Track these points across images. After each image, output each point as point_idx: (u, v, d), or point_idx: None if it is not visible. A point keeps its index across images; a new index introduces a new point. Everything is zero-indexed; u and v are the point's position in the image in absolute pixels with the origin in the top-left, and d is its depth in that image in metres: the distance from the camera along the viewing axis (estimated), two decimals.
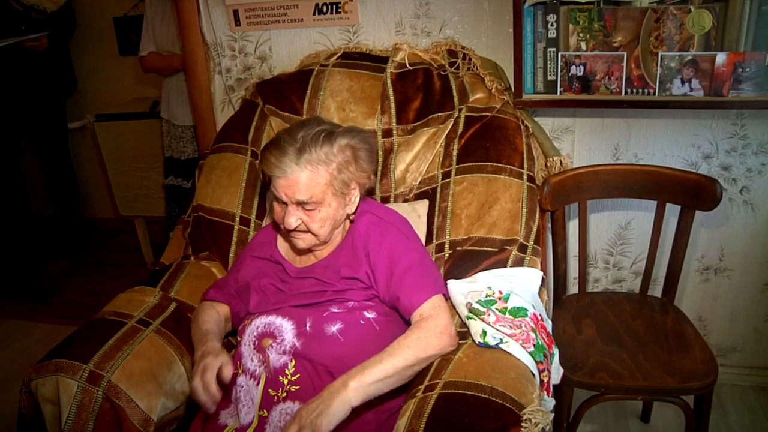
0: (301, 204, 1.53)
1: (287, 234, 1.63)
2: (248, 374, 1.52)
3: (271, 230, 1.77)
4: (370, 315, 1.54)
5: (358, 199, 1.63)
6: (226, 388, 1.55)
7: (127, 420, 1.51)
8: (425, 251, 1.66)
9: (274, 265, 1.70)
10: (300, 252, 1.69)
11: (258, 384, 1.50)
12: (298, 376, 1.48)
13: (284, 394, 1.47)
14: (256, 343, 1.55)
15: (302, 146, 1.51)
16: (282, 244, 1.73)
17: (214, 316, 1.67)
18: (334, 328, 1.51)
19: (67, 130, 3.86)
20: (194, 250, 1.95)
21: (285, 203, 1.55)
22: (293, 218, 1.55)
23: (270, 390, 1.48)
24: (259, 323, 1.58)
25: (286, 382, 1.48)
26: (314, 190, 1.52)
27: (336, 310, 1.55)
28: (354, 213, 1.65)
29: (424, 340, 1.41)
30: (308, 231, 1.58)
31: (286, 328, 1.54)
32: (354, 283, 1.58)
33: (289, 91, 2.02)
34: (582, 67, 1.88)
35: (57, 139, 3.80)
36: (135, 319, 1.66)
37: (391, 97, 1.91)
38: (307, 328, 1.53)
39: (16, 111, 3.56)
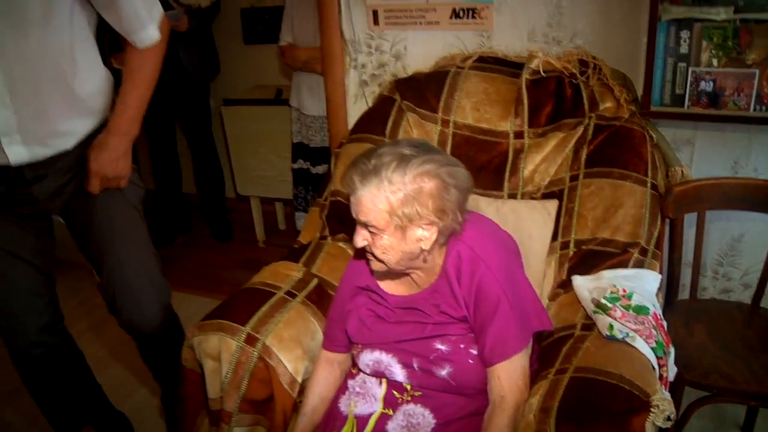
0: (365, 225, 1.49)
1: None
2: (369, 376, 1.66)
3: (361, 258, 1.67)
4: (475, 351, 1.53)
5: (434, 237, 1.48)
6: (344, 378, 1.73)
7: (278, 379, 1.69)
8: (515, 283, 1.54)
9: (372, 294, 1.68)
10: (394, 278, 1.65)
11: (381, 384, 1.64)
12: (420, 393, 1.59)
13: (408, 398, 1.59)
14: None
15: (374, 168, 1.43)
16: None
17: (326, 382, 1.73)
18: (444, 372, 1.53)
19: (210, 113, 4.00)
20: (331, 231, 2.13)
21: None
22: (359, 237, 1.51)
23: (394, 391, 1.61)
24: (367, 360, 1.64)
25: (409, 387, 1.60)
26: (373, 214, 1.44)
27: (440, 347, 1.55)
28: (441, 245, 1.54)
29: None
30: (374, 255, 1.53)
31: (395, 368, 1.60)
32: (452, 318, 1.56)
33: (426, 89, 2.17)
34: (711, 83, 1.94)
35: (202, 121, 3.96)
36: (283, 291, 1.84)
37: (525, 102, 2.03)
38: (415, 367, 1.57)
39: (168, 93, 3.81)
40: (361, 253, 1.62)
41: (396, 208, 1.42)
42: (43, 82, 1.59)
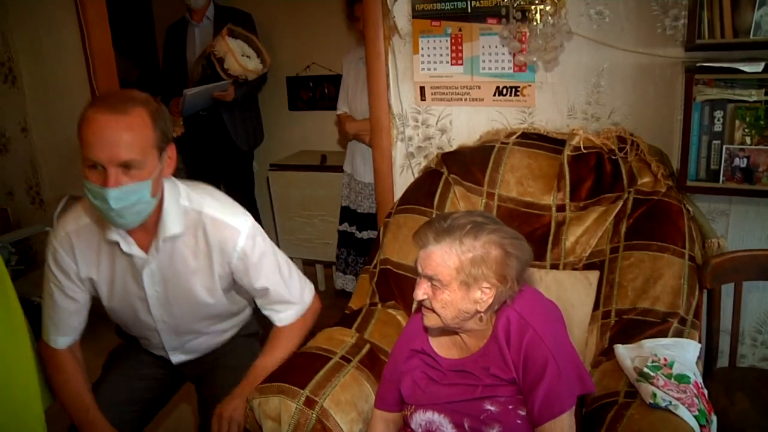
0: (429, 279, 1.60)
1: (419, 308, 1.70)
2: None
3: (419, 320, 1.77)
4: (523, 412, 1.60)
5: (490, 301, 1.60)
6: None
7: None
8: (561, 347, 1.60)
9: (425, 357, 1.76)
10: (446, 339, 1.75)
11: None
12: None
13: None
14: None
15: (448, 227, 1.58)
16: (432, 338, 1.79)
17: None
18: (494, 431, 1.62)
19: (253, 177, 4.21)
20: (381, 298, 2.24)
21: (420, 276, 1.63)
22: (420, 291, 1.62)
23: None
24: (420, 420, 1.71)
25: None
26: (441, 269, 1.57)
27: (490, 408, 1.62)
28: (493, 310, 1.65)
29: None
30: (432, 309, 1.63)
31: (447, 428, 1.66)
32: (502, 380, 1.63)
33: (471, 163, 2.30)
34: (745, 160, 2.04)
35: (246, 184, 4.18)
36: (338, 356, 1.95)
37: (567, 177, 2.15)
38: (466, 427, 1.64)
39: (214, 158, 4.02)
40: (417, 318, 1.76)
41: (464, 266, 1.56)
42: (201, 324, 2.05)
